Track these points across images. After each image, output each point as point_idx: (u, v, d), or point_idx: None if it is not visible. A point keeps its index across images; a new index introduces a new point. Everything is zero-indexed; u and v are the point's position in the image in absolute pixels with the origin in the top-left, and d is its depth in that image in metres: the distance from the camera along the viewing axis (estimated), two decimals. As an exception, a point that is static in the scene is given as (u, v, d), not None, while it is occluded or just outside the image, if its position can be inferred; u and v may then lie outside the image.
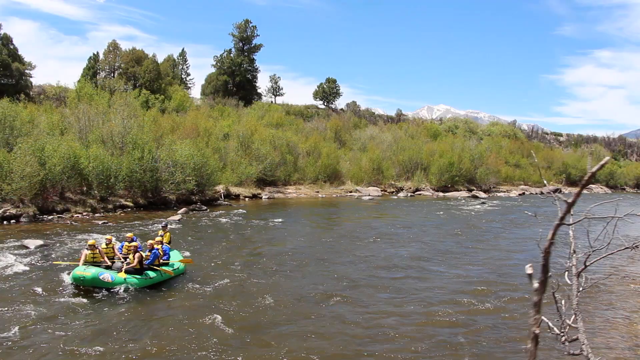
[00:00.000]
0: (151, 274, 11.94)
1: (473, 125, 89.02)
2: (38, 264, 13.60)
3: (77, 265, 11.59)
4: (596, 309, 11.73)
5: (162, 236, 13.73)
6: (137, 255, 11.74)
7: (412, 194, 49.35)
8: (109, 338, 8.70)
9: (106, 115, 29.37)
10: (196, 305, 10.76)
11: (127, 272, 11.41)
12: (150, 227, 20.84)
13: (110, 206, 25.01)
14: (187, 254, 14.95)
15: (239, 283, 12.68)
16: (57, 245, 16.27)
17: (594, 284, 11.52)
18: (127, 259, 12.01)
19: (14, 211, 20.80)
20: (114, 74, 49.95)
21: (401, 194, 48.01)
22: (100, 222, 21.35)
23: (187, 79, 63.29)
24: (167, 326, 9.47)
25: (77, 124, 27.98)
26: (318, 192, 42.67)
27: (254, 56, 64.93)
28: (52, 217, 21.96)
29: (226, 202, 31.52)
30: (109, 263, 11.95)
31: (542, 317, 3.49)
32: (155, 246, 12.53)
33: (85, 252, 11.82)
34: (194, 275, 13.21)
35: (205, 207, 27.79)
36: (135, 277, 11.44)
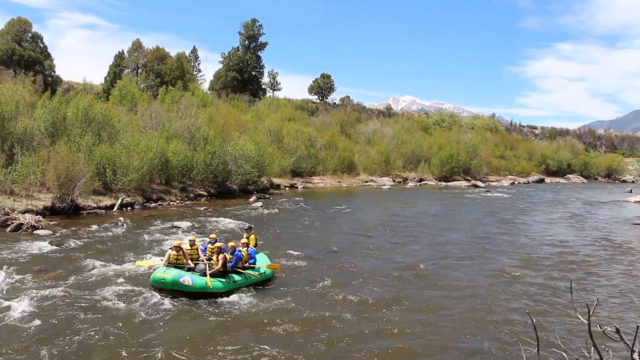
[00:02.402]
0: (236, 277, 11.59)
1: (458, 119, 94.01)
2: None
3: (159, 266, 11.54)
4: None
5: (247, 238, 13.26)
6: (221, 257, 11.43)
7: (418, 183, 53.66)
8: (188, 342, 8.64)
9: (170, 113, 32.40)
10: (289, 305, 10.75)
11: (212, 275, 11.09)
12: (241, 212, 24.22)
13: (191, 195, 28.28)
14: (273, 259, 13.95)
15: (333, 275, 13.22)
16: (198, 226, 19.63)
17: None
18: (211, 261, 11.76)
19: (129, 199, 23.96)
20: (137, 71, 52.44)
21: (410, 184, 52.27)
22: (202, 209, 24.66)
23: (199, 75, 66.00)
24: (257, 329, 9.36)
25: (150, 121, 30.96)
26: (340, 181, 46.49)
27: (259, 54, 68.08)
28: (153, 205, 25.15)
29: (277, 192, 35.05)
30: (192, 265, 11.67)
31: None
32: (238, 248, 12.26)
33: (170, 252, 11.72)
34: (283, 272, 13.27)
35: (268, 196, 31.32)
36: (220, 281, 11.09)
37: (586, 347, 5.11)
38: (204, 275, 11.05)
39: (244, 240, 12.83)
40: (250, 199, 29.26)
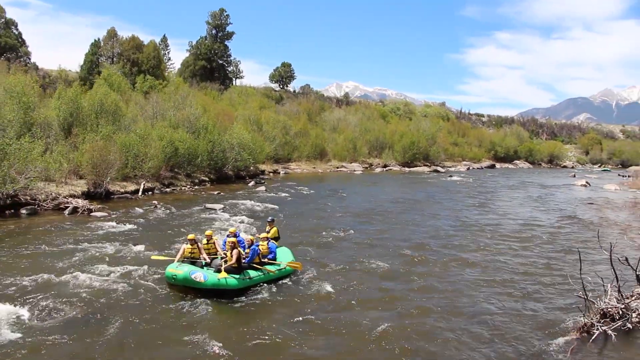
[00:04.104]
0: (252, 273, 11.11)
1: (412, 107, 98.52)
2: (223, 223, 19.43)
3: (173, 261, 11.25)
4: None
5: (268, 232, 13.16)
6: (235, 252, 10.98)
7: (384, 169, 57.32)
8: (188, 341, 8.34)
9: (167, 103, 34.25)
10: (307, 301, 10.47)
11: (227, 271, 10.62)
12: (252, 195, 26.65)
13: (196, 180, 30.47)
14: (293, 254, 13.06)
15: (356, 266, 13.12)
16: (228, 208, 22.03)
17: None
18: (225, 257, 11.36)
19: (149, 185, 26.01)
20: (113, 60, 53.19)
21: (377, 169, 55.82)
22: (215, 192, 27.00)
23: (169, 64, 66.80)
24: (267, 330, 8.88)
25: (152, 111, 32.75)
26: (315, 167, 49.41)
27: (227, 43, 69.69)
28: (169, 189, 27.24)
29: (266, 177, 37.59)
30: (208, 260, 11.41)
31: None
32: (256, 242, 12.05)
33: (184, 246, 11.44)
34: (304, 264, 12.74)
35: (263, 180, 33.86)
36: (234, 277, 10.63)
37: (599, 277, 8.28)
38: (219, 271, 10.68)
39: (263, 234, 12.55)
40: (250, 184, 31.77)
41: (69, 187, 22.13)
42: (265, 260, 11.79)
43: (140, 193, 24.83)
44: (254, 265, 11.33)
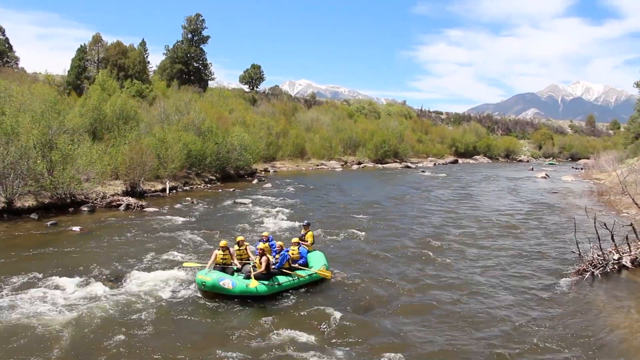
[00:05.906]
0: (281, 279, 11.24)
1: (376, 106, 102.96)
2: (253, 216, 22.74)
3: (203, 268, 11.52)
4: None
5: (303, 236, 13.36)
6: (264, 259, 11.13)
7: (359, 166, 61.20)
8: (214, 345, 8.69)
9: (171, 108, 36.94)
10: (335, 306, 10.49)
11: (256, 277, 10.86)
12: (263, 191, 29.83)
13: (206, 179, 33.37)
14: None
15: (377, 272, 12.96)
16: (255, 202, 25.13)
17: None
18: (254, 263, 11.51)
19: (172, 184, 28.85)
20: (98, 65, 54.95)
21: (354, 167, 59.66)
22: (231, 189, 30.02)
23: (148, 67, 68.55)
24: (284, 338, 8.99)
25: (160, 116, 35.39)
26: (298, 165, 52.77)
27: (202, 47, 72.05)
28: (187, 188, 30.08)
29: (262, 175, 40.77)
30: (239, 265, 11.68)
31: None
32: (287, 247, 12.14)
33: (216, 252, 11.65)
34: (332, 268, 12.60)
35: (263, 178, 37.04)
36: (263, 284, 10.79)
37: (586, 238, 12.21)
38: (248, 277, 10.93)
39: (294, 239, 12.61)
40: (254, 182, 34.96)
41: (112, 187, 24.85)
42: (296, 265, 11.91)
43: (167, 191, 27.66)
44: (284, 270, 11.48)
